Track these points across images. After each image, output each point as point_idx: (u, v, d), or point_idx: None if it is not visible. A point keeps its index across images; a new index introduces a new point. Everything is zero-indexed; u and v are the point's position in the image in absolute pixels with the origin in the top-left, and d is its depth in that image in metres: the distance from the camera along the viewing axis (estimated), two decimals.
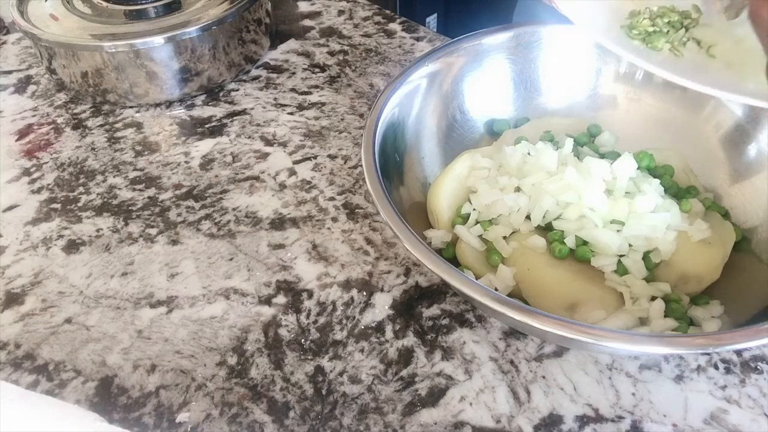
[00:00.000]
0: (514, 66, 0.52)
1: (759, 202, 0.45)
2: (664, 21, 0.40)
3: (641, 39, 0.40)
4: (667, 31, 0.40)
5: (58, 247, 0.48)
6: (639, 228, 0.41)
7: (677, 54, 0.40)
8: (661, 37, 0.40)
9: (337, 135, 0.58)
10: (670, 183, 0.46)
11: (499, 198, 0.43)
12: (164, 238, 0.48)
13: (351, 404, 0.38)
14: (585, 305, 0.39)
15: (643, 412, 0.37)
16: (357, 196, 0.51)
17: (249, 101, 0.62)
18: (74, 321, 0.43)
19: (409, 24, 0.72)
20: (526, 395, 0.38)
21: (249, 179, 0.53)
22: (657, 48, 0.40)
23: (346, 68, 0.66)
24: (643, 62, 0.38)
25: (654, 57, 0.39)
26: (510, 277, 0.41)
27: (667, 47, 0.40)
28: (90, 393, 0.39)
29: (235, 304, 0.43)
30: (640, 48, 0.40)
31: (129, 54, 0.57)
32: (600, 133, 0.50)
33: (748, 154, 0.47)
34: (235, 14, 0.60)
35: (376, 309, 0.43)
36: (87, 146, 0.57)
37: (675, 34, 0.40)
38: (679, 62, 0.39)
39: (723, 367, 0.39)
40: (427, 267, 0.35)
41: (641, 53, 0.39)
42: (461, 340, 0.41)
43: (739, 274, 0.42)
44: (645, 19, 0.40)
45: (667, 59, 0.40)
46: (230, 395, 0.38)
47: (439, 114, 0.50)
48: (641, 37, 0.40)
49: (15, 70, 0.67)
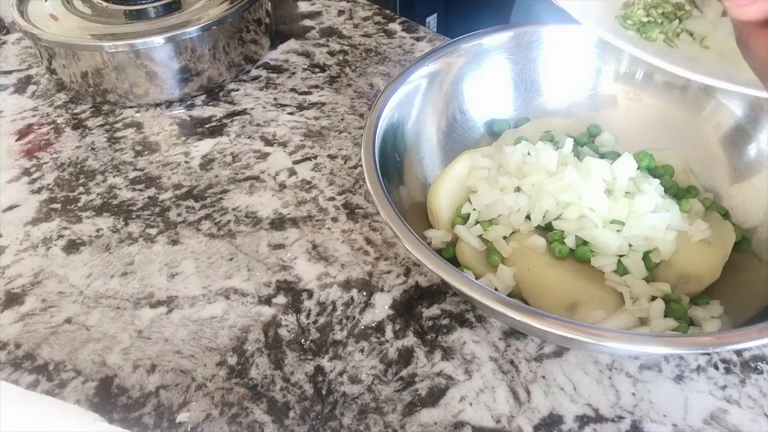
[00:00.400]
0: (514, 66, 0.52)
1: (759, 202, 0.45)
2: (658, 12, 0.40)
3: (635, 29, 0.40)
4: (661, 21, 0.40)
5: (58, 247, 0.48)
6: (639, 228, 0.41)
7: (671, 44, 0.40)
8: (656, 28, 0.40)
9: (337, 135, 0.58)
10: (670, 183, 0.46)
11: (499, 198, 0.44)
12: (164, 238, 0.48)
13: (351, 404, 0.38)
14: (585, 305, 0.39)
15: (643, 412, 0.37)
16: (357, 196, 0.51)
17: (249, 101, 0.62)
18: (74, 321, 0.43)
19: (409, 24, 0.72)
20: (526, 395, 0.38)
21: (249, 179, 0.53)
22: (651, 38, 0.40)
23: (346, 68, 0.66)
24: (637, 52, 0.38)
25: (648, 47, 0.40)
26: (510, 277, 0.41)
27: (661, 38, 0.40)
28: (90, 393, 0.39)
29: (235, 304, 0.43)
30: (634, 38, 0.40)
31: (129, 54, 0.57)
32: (600, 133, 0.50)
33: (748, 154, 0.47)
34: (235, 14, 0.60)
35: (376, 309, 0.43)
36: (87, 146, 0.57)
37: (669, 24, 0.40)
38: (673, 52, 0.40)
39: (723, 367, 0.39)
40: (427, 267, 0.35)
41: (636, 43, 0.40)
42: (461, 340, 0.41)
43: (739, 274, 0.42)
44: (639, 10, 0.40)
45: (662, 50, 0.40)
46: (230, 395, 0.39)
47: (439, 114, 0.50)
48: (635, 27, 0.40)
49: (15, 70, 0.67)
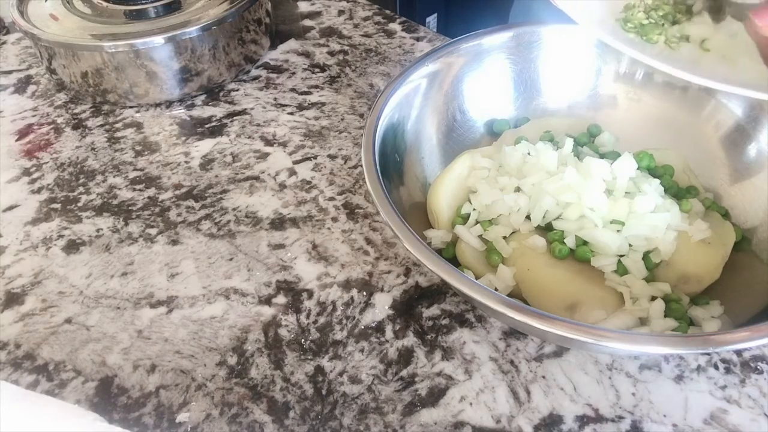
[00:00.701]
0: (514, 66, 0.52)
1: (759, 202, 0.45)
2: (659, 14, 0.40)
3: (636, 32, 0.40)
4: (662, 23, 0.40)
5: (58, 247, 0.48)
6: (639, 228, 0.41)
7: (672, 47, 0.40)
8: (656, 29, 0.40)
9: (337, 135, 0.58)
10: (670, 183, 0.46)
11: (499, 198, 0.43)
12: (164, 238, 0.48)
13: (351, 404, 0.38)
14: (585, 305, 0.39)
15: (643, 412, 0.37)
16: (357, 196, 0.51)
17: (249, 101, 0.62)
18: (74, 321, 0.43)
19: (409, 24, 0.72)
20: (526, 395, 0.38)
21: (249, 179, 0.53)
22: (652, 40, 0.40)
23: (346, 68, 0.66)
24: (638, 55, 0.38)
25: (649, 49, 0.40)
26: (510, 277, 0.41)
27: (662, 39, 0.40)
28: (90, 393, 0.39)
29: (235, 304, 0.43)
30: (635, 40, 0.40)
31: (129, 54, 0.57)
32: (600, 133, 0.50)
33: (748, 154, 0.47)
34: (235, 14, 0.60)
35: (376, 309, 0.43)
36: (87, 146, 0.57)
37: (670, 29, 0.40)
38: (674, 55, 0.40)
39: (723, 367, 0.39)
40: (427, 267, 0.35)
41: (636, 46, 0.39)
42: (461, 340, 0.41)
43: (739, 274, 0.42)
44: (640, 12, 0.40)
45: (662, 52, 0.40)
46: (230, 395, 0.38)
47: (439, 114, 0.50)
48: (636, 29, 0.40)
49: (15, 70, 0.67)
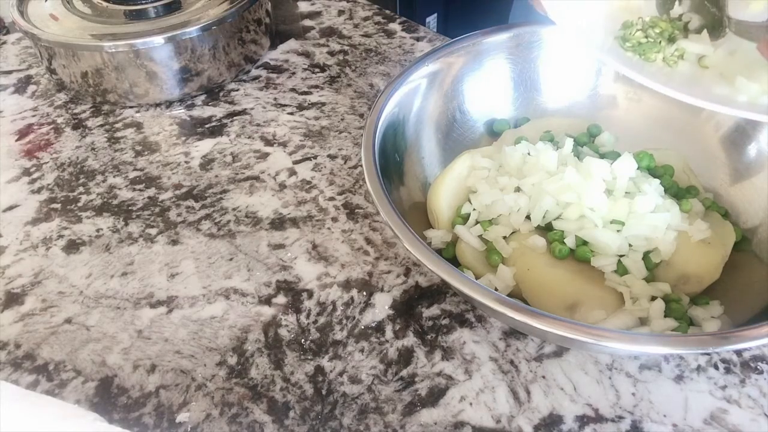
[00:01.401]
0: (514, 66, 0.52)
1: (759, 202, 0.45)
2: (656, 31, 0.40)
3: (634, 50, 0.40)
4: (659, 42, 0.40)
5: (58, 247, 0.48)
6: (639, 228, 0.41)
7: (671, 65, 0.40)
8: (654, 47, 0.40)
9: (337, 135, 0.58)
10: (670, 183, 0.46)
11: (499, 198, 0.43)
12: (164, 238, 0.48)
13: (351, 404, 0.38)
14: (585, 305, 0.39)
15: (643, 412, 0.37)
16: (357, 196, 0.51)
17: (249, 101, 0.62)
18: (74, 321, 0.43)
19: (409, 24, 0.72)
20: (526, 395, 0.38)
21: (249, 179, 0.53)
22: (650, 59, 0.40)
23: (346, 68, 0.66)
24: (636, 75, 0.38)
25: (648, 68, 0.40)
26: (510, 277, 0.41)
27: (660, 57, 0.40)
28: (90, 393, 0.39)
29: (235, 304, 0.43)
30: (633, 59, 0.40)
31: (129, 54, 0.57)
32: (600, 133, 0.50)
33: (748, 154, 0.47)
34: (235, 14, 0.60)
35: (376, 309, 0.43)
36: (87, 146, 0.57)
37: (668, 47, 0.40)
38: (672, 73, 0.40)
39: (723, 367, 0.39)
40: (427, 267, 0.35)
41: (635, 65, 0.40)
42: (461, 340, 0.41)
43: (739, 274, 0.42)
44: (638, 32, 0.40)
45: (661, 70, 0.40)
46: (230, 395, 0.38)
47: (439, 114, 0.50)
48: (634, 48, 0.40)
49: (15, 70, 0.67)
